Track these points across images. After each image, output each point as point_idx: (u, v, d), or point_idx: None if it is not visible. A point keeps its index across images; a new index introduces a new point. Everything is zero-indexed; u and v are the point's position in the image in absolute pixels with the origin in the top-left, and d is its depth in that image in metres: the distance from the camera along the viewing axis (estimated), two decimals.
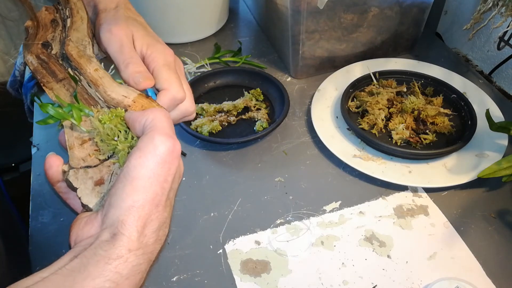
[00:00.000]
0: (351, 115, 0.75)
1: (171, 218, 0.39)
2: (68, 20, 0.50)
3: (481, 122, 0.69)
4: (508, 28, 0.77)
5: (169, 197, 0.37)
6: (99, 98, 0.44)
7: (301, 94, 0.82)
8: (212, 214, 0.63)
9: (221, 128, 0.73)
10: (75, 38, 0.48)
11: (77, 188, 0.38)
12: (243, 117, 0.76)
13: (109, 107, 0.43)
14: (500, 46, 0.80)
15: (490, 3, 0.76)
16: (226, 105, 0.76)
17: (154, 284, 0.55)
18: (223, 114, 0.76)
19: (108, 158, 0.40)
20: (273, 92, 0.79)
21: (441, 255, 0.58)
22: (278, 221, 0.62)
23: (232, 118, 0.75)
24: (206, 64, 0.87)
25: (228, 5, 0.97)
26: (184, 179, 0.68)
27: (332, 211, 0.63)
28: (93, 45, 0.49)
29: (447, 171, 0.66)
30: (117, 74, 0.49)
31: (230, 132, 0.74)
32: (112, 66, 0.82)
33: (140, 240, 0.35)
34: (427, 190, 0.66)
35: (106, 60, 0.53)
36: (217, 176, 0.68)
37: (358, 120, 0.73)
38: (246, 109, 0.77)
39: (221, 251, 0.59)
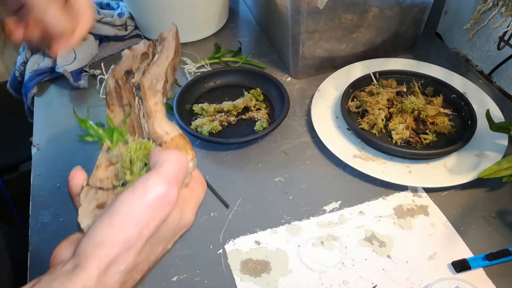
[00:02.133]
0: (351, 115, 0.75)
1: (153, 266, 0.37)
2: (156, 56, 0.53)
3: (481, 122, 0.69)
4: (508, 28, 0.77)
5: (150, 244, 0.35)
6: (146, 129, 0.45)
7: (301, 94, 0.82)
8: (212, 214, 0.63)
9: (221, 128, 0.73)
10: (153, 71, 0.51)
11: (80, 205, 0.39)
12: (243, 117, 0.76)
13: (149, 139, 0.44)
14: (500, 46, 0.80)
15: (490, 3, 0.76)
16: (226, 105, 0.76)
17: (154, 284, 0.56)
18: (223, 114, 0.76)
19: (121, 185, 0.41)
20: (273, 92, 0.79)
21: (441, 255, 0.58)
22: (278, 221, 0.62)
23: (232, 118, 0.75)
24: (206, 64, 0.87)
25: (228, 5, 0.97)
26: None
27: (332, 211, 0.63)
28: (166, 82, 0.51)
29: (447, 171, 0.66)
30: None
31: (230, 132, 0.74)
32: (112, 66, 0.82)
33: (99, 279, 0.33)
34: (427, 190, 0.66)
35: None
36: (217, 176, 0.68)
37: (358, 120, 0.73)
38: (246, 109, 0.77)
39: (221, 251, 0.59)
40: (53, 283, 0.32)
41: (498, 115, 0.73)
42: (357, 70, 0.83)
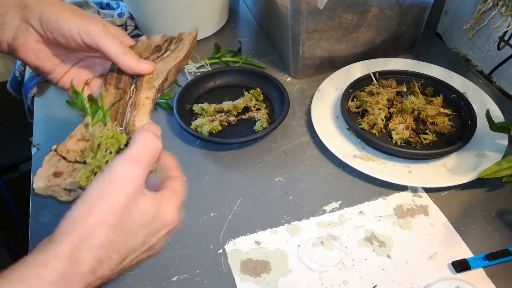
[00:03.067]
0: (351, 115, 0.75)
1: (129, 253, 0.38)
2: (167, 53, 0.54)
3: (481, 122, 0.69)
4: (508, 28, 0.77)
5: (126, 226, 0.36)
6: (127, 119, 0.47)
7: (301, 94, 0.82)
8: (212, 214, 0.63)
9: (221, 128, 0.73)
10: (158, 67, 0.52)
11: (41, 167, 0.42)
12: (243, 117, 0.76)
13: (125, 130, 0.45)
14: (500, 46, 0.80)
15: (490, 3, 0.76)
16: (226, 105, 0.76)
17: (154, 284, 0.56)
18: (223, 114, 0.76)
19: (81, 163, 0.43)
20: (273, 92, 0.79)
21: (441, 255, 0.58)
22: (278, 221, 0.62)
23: (232, 118, 0.75)
24: (206, 64, 0.87)
25: (228, 5, 0.97)
26: (184, 179, 0.68)
27: (332, 211, 0.63)
28: (165, 81, 0.52)
29: (447, 171, 0.66)
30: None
31: (230, 132, 0.74)
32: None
33: (71, 250, 0.34)
34: (427, 190, 0.66)
35: None
36: (217, 176, 0.68)
37: (358, 120, 0.73)
38: (246, 109, 0.77)
39: (221, 251, 0.59)
40: (27, 259, 0.34)
41: (498, 115, 0.73)
42: (357, 70, 0.83)
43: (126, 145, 0.43)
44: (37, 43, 0.50)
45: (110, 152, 0.42)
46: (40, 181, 0.41)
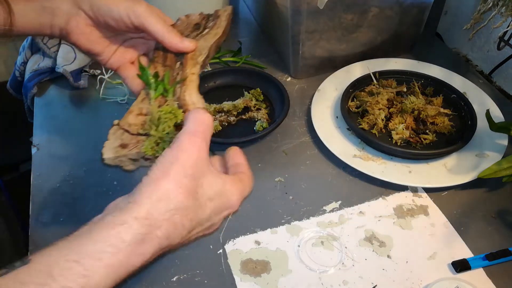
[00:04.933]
0: (351, 115, 0.75)
1: (207, 224, 0.41)
2: (206, 30, 0.57)
3: (481, 122, 0.69)
4: (508, 28, 0.77)
5: (197, 195, 0.39)
6: (177, 94, 0.50)
7: (301, 94, 0.82)
8: None
9: (221, 128, 0.73)
10: (199, 44, 0.55)
11: (107, 140, 0.46)
12: (243, 117, 0.76)
13: (178, 105, 0.49)
14: (500, 46, 0.80)
15: (490, 3, 0.76)
16: (226, 105, 0.76)
17: (154, 284, 0.56)
18: (223, 114, 0.76)
19: (143, 135, 0.46)
20: (273, 92, 0.79)
21: (441, 255, 0.58)
22: (278, 221, 0.62)
23: (232, 118, 0.75)
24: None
25: (228, 5, 0.97)
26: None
27: (332, 211, 0.63)
28: (207, 57, 0.55)
29: (447, 171, 0.66)
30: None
31: (230, 132, 0.74)
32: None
33: (149, 211, 0.36)
34: (427, 190, 0.66)
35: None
36: None
37: (358, 120, 0.73)
38: (246, 109, 0.77)
39: (221, 251, 0.59)
40: (106, 218, 0.36)
41: (498, 115, 0.73)
42: (357, 70, 0.83)
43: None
44: (88, 27, 0.53)
45: (169, 126, 0.46)
46: (109, 152, 0.44)
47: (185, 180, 0.38)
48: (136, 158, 0.47)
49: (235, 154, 0.48)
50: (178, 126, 0.47)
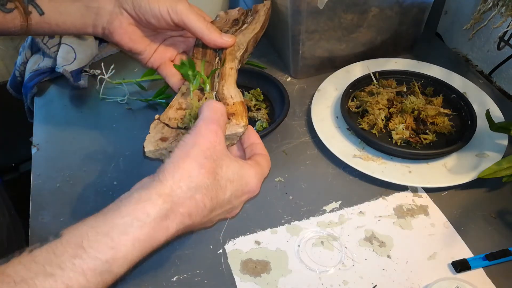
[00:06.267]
0: (351, 115, 0.75)
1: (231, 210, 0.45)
2: (245, 25, 0.59)
3: (481, 122, 0.69)
4: (508, 28, 0.77)
5: (217, 176, 0.41)
6: (216, 88, 0.53)
7: (301, 94, 0.82)
8: None
9: None
10: (238, 39, 0.56)
11: (149, 134, 0.48)
12: None
13: (217, 98, 0.51)
14: (500, 46, 0.80)
15: (490, 3, 0.76)
16: None
17: (154, 284, 0.56)
18: None
19: (182, 128, 0.49)
20: (273, 92, 0.79)
21: (441, 255, 0.58)
22: (278, 221, 0.62)
23: None
24: None
25: (228, 5, 0.97)
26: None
27: (332, 211, 0.63)
28: (245, 52, 0.57)
29: (447, 171, 0.66)
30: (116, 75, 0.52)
31: None
32: (112, 67, 0.83)
33: (172, 189, 0.39)
34: (427, 190, 0.66)
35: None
36: None
37: (358, 120, 0.73)
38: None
39: (221, 251, 0.59)
40: (132, 194, 0.39)
41: (498, 115, 0.73)
42: (357, 70, 0.83)
43: None
44: (130, 26, 0.55)
45: None
46: (150, 145, 0.47)
47: (205, 161, 0.40)
48: None
49: (250, 134, 0.50)
50: None
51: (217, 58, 0.55)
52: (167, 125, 0.49)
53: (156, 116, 0.50)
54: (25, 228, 0.63)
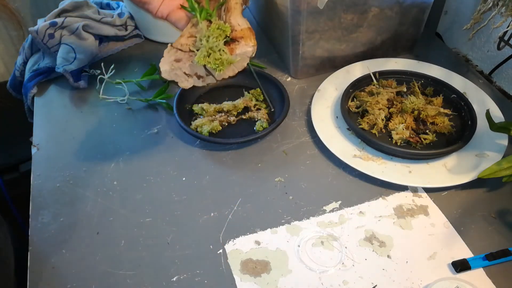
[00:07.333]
0: (351, 115, 0.75)
1: None
2: None
3: (481, 122, 0.69)
4: (508, 28, 0.77)
5: None
6: (223, 20, 0.58)
7: (301, 94, 0.82)
8: (212, 214, 0.63)
9: (221, 128, 0.73)
10: None
11: (163, 57, 0.54)
12: (243, 117, 0.76)
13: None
14: (500, 46, 0.80)
15: (490, 3, 0.76)
16: (226, 105, 0.76)
17: (154, 284, 0.56)
18: (223, 114, 0.76)
19: (195, 51, 0.55)
20: (273, 92, 0.79)
21: (441, 255, 0.58)
22: (278, 221, 0.62)
23: (232, 118, 0.75)
24: None
25: None
26: (184, 179, 0.68)
27: (332, 211, 0.63)
28: None
29: (447, 171, 0.66)
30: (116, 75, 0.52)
31: (230, 132, 0.74)
32: (112, 67, 0.83)
33: None
34: (427, 190, 0.66)
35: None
36: (217, 176, 0.68)
37: (358, 120, 0.73)
38: (246, 109, 0.77)
39: (221, 251, 0.59)
40: None
41: (498, 115, 0.73)
42: (357, 70, 0.83)
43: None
44: None
45: (218, 39, 0.55)
46: (165, 65, 0.52)
47: None
48: (190, 73, 0.56)
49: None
50: (226, 43, 0.56)
51: None
52: (180, 49, 0.54)
53: (169, 44, 0.55)
54: (25, 228, 0.63)
